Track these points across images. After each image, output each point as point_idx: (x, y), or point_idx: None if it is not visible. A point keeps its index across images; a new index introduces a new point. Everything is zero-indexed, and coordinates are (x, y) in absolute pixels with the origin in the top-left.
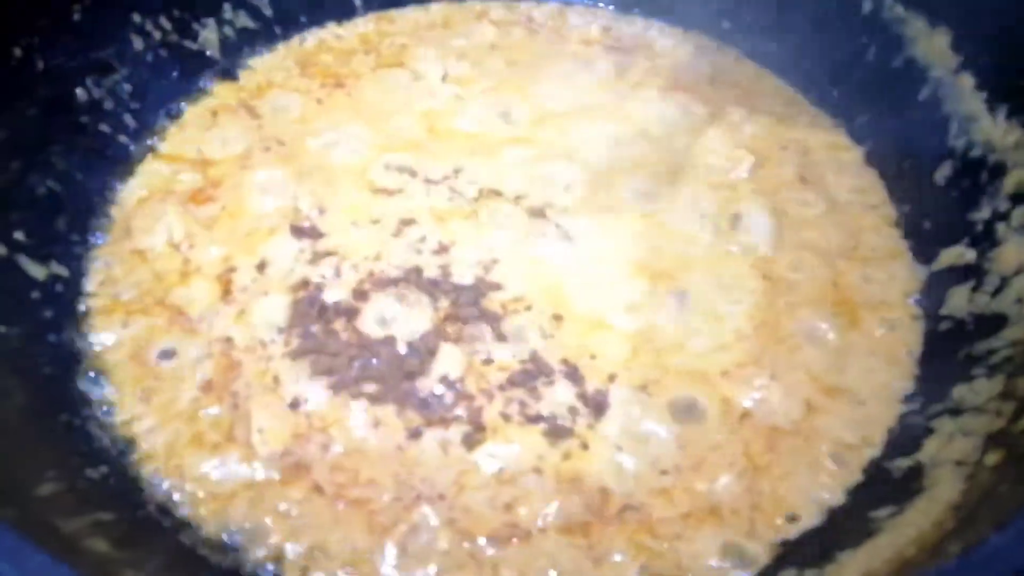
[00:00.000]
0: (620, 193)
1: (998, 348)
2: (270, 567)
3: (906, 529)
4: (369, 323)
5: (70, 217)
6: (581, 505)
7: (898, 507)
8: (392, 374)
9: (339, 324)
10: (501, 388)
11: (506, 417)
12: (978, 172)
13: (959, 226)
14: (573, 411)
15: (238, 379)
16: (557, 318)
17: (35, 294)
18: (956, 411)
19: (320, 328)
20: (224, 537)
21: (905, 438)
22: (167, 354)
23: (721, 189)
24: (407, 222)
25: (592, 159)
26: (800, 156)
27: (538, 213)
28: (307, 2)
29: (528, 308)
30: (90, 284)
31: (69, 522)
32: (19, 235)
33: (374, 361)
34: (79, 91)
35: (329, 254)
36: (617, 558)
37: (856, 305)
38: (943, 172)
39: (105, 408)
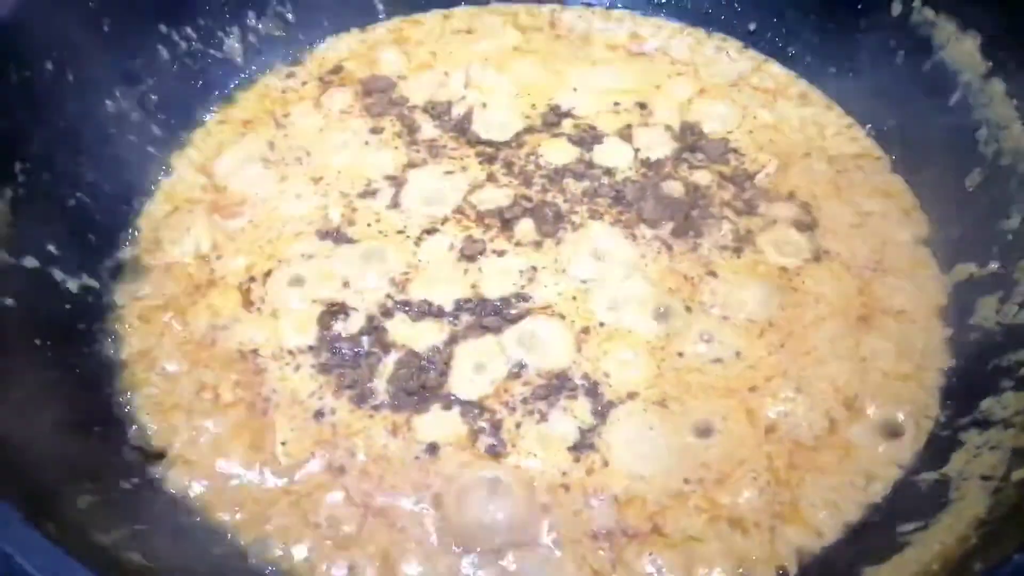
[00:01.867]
0: None
1: None
2: None
3: (931, 544)
4: (394, 336)
5: (100, 228)
6: (603, 517)
7: (924, 522)
8: (415, 388)
9: (365, 339)
10: (524, 402)
11: (528, 430)
12: (1008, 180)
13: (988, 235)
14: (594, 427)
15: (263, 387)
16: (586, 331)
17: (67, 306)
18: (984, 424)
19: (346, 342)
20: (254, 548)
21: (933, 451)
22: (196, 363)
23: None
24: (432, 232)
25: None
26: (825, 161)
27: (566, 223)
28: (330, 8)
29: (555, 319)
30: (120, 296)
31: (107, 535)
32: (51, 247)
33: (400, 373)
34: (108, 102)
35: (357, 264)
36: (636, 566)
37: (882, 316)
38: (972, 179)
39: (136, 418)
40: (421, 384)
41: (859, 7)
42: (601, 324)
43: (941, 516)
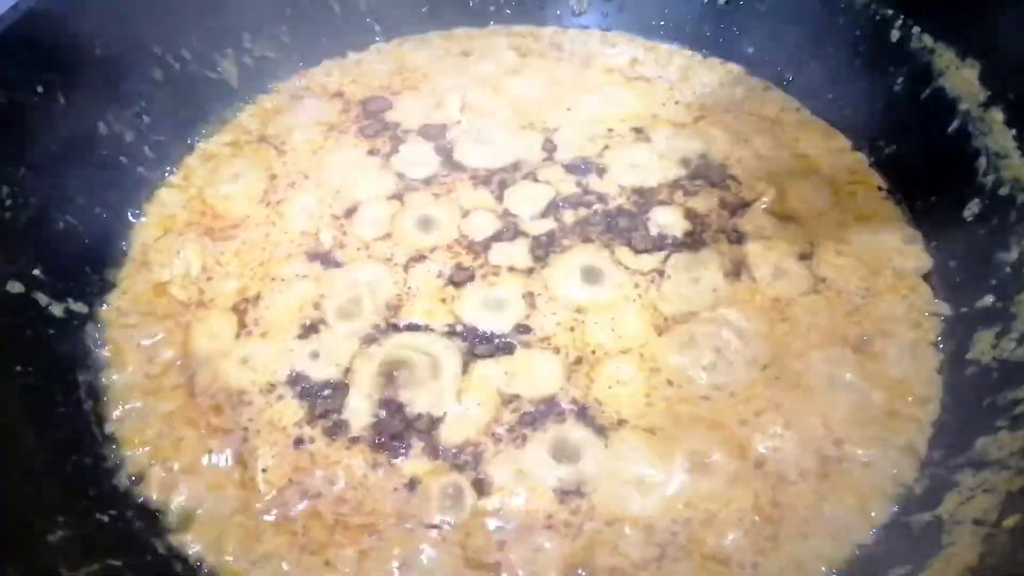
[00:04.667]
0: None
1: (1022, 399)
2: None
3: None
4: (377, 368)
5: (87, 251)
6: (586, 558)
7: (914, 566)
8: (400, 429)
9: (346, 369)
10: (510, 430)
11: (512, 463)
12: (1007, 211)
13: (986, 267)
14: (580, 453)
15: (247, 413)
16: (578, 362)
17: (52, 331)
18: (978, 464)
19: (330, 370)
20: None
21: (925, 491)
22: (181, 392)
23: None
24: (421, 259)
25: (608, 194)
26: (823, 188)
27: (557, 250)
28: (326, 30)
29: (547, 350)
30: (107, 320)
31: (75, 571)
32: (37, 271)
33: (382, 413)
34: (100, 124)
35: (346, 291)
36: None
37: (875, 348)
38: (971, 210)
39: (116, 447)
40: (404, 419)
41: (858, 33)
42: (592, 352)
43: (932, 561)
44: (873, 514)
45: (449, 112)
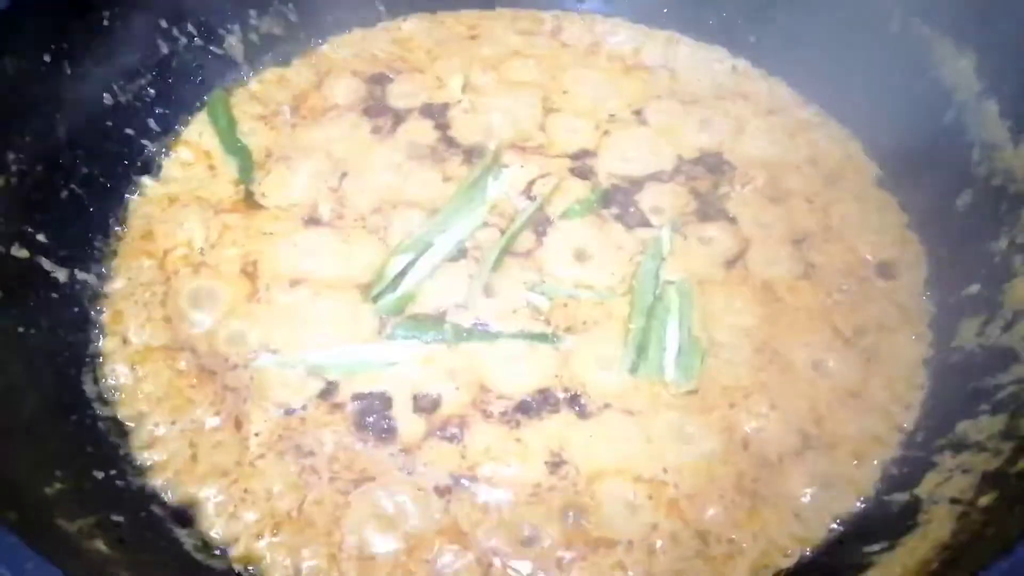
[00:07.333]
0: None
1: (1005, 384)
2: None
3: (894, 567)
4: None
5: (92, 220)
6: (566, 530)
7: (890, 542)
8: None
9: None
10: (503, 413)
11: (501, 439)
12: (998, 201)
13: (975, 256)
14: (567, 437)
15: (241, 377)
16: (560, 333)
17: (55, 295)
18: (958, 446)
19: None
20: (216, 535)
21: (906, 471)
22: (180, 356)
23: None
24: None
25: (602, 177)
26: (816, 175)
27: (551, 230)
28: (332, 9)
29: (539, 322)
30: (109, 287)
31: (71, 523)
32: (41, 237)
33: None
34: (105, 95)
35: (340, 261)
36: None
37: (863, 334)
38: (963, 199)
39: (115, 408)
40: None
41: (857, 23)
42: (584, 323)
43: (907, 538)
44: (852, 495)
45: (451, 92)
